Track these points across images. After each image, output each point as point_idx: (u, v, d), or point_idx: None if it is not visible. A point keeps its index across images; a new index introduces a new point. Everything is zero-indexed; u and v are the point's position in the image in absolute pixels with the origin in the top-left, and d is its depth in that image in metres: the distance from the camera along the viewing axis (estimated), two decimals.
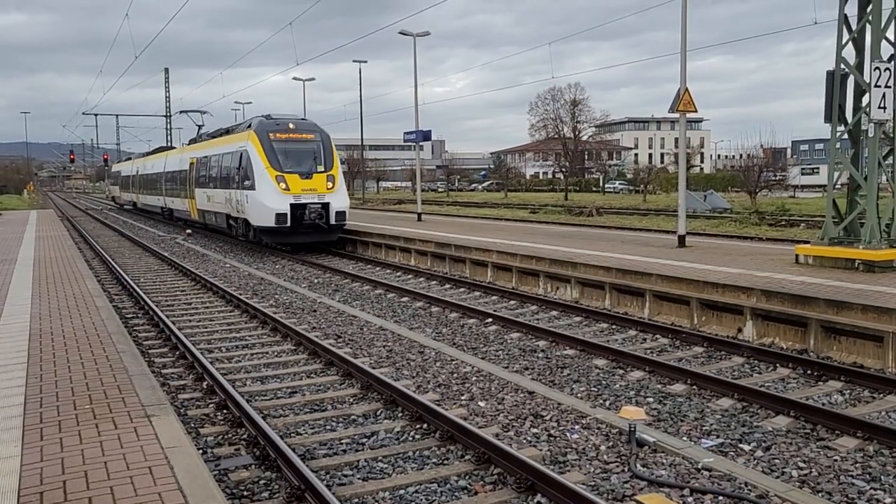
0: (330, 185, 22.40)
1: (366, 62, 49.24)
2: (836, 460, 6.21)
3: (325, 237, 22.69)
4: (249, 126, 24.16)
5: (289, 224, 21.60)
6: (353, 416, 7.48)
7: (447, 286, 16.10)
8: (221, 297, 14.87)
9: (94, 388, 6.53)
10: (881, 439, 6.49)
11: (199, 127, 35.75)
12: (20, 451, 5.02)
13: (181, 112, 38.18)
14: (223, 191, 25.30)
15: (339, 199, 22.55)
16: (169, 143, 64.15)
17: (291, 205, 21.64)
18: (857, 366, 8.97)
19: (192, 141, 34.72)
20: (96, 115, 73.43)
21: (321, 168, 22.67)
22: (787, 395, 7.89)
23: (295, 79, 55.79)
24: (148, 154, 48.55)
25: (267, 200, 21.69)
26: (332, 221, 22.22)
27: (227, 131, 27.86)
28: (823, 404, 7.64)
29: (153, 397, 6.27)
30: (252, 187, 22.19)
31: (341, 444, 6.73)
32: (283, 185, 21.75)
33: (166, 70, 72.04)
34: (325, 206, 22.09)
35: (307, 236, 22.33)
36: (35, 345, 8.25)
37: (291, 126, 23.40)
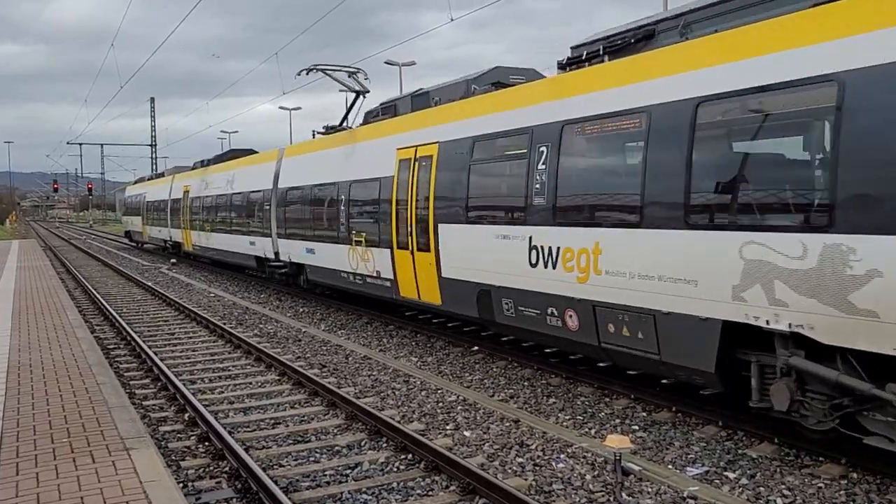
0: None
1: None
2: (820, 487, 6.21)
3: None
4: None
5: None
6: (337, 447, 7.40)
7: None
8: (205, 327, 14.75)
9: (73, 420, 6.44)
10: (864, 465, 6.49)
11: (359, 96, 17.27)
12: None
13: (310, 70, 16.98)
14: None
15: None
16: (155, 171, 57.51)
17: None
18: None
19: (330, 129, 17.15)
20: (80, 144, 73.36)
21: None
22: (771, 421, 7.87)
23: (281, 108, 56.31)
24: (208, 163, 27.88)
25: None
26: None
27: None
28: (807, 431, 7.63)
29: (133, 430, 6.19)
30: None
31: (325, 475, 6.65)
32: None
33: (152, 100, 72.25)
34: None
35: None
36: (13, 377, 8.13)
37: None
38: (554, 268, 8.80)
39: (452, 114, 11.49)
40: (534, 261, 9.12)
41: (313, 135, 18.27)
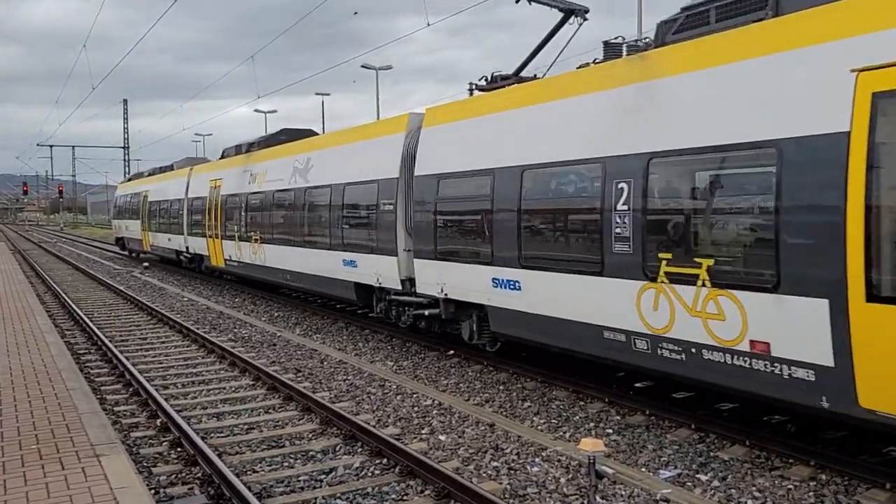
0: None
1: (328, 95, 49.49)
2: (790, 489, 6.31)
3: None
4: None
5: None
6: (311, 452, 7.36)
7: None
8: (178, 332, 14.58)
9: (42, 427, 6.34)
10: (833, 467, 6.61)
11: (569, 16, 10.15)
12: None
13: None
14: None
15: None
16: (128, 174, 56.44)
17: None
18: None
19: (498, 80, 11.08)
20: (51, 146, 72.31)
21: None
22: (742, 424, 7.98)
23: (257, 111, 55.98)
24: (249, 148, 20.14)
25: None
26: None
27: None
28: (778, 433, 7.75)
29: (103, 436, 6.11)
30: None
31: (299, 480, 6.61)
32: None
33: (125, 101, 71.45)
34: None
35: None
36: None
37: None
38: None
39: None
40: None
41: (471, 91, 11.65)
